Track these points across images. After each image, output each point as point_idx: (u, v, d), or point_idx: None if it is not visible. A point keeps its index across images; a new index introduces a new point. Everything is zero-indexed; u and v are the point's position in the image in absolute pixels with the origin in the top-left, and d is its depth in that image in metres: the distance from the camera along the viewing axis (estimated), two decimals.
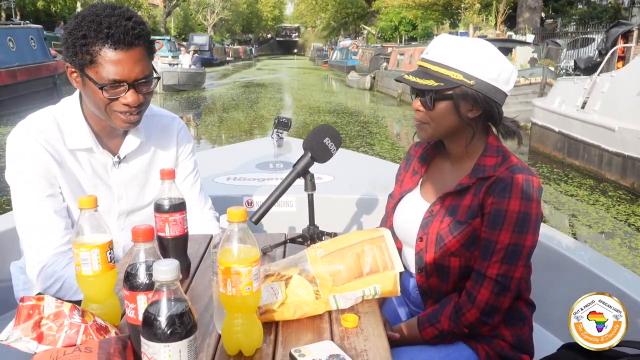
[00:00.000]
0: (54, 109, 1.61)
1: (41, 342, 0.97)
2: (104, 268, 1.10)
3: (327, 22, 60.50)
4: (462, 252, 1.43)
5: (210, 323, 1.16)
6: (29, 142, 1.53)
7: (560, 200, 6.96)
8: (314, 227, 1.57)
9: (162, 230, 1.31)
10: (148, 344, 0.83)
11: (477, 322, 1.41)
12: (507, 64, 1.43)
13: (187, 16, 57.03)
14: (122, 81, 1.46)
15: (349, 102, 18.62)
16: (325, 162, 1.58)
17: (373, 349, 1.08)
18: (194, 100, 18.00)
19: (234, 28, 73.76)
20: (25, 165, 1.53)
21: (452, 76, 1.38)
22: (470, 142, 1.46)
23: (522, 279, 1.44)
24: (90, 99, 1.51)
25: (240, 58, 57.58)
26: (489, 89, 1.39)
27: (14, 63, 13.53)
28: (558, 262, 2.03)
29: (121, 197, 1.68)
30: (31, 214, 1.55)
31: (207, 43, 41.69)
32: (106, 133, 1.63)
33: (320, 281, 1.22)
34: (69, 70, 1.51)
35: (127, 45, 1.44)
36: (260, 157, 3.19)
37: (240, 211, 0.99)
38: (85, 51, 1.43)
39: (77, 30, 1.44)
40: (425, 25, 30.07)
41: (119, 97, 1.47)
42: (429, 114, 1.43)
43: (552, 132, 8.78)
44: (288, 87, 25.25)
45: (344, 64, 33.88)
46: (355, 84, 24.11)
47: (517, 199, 1.37)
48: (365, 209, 2.52)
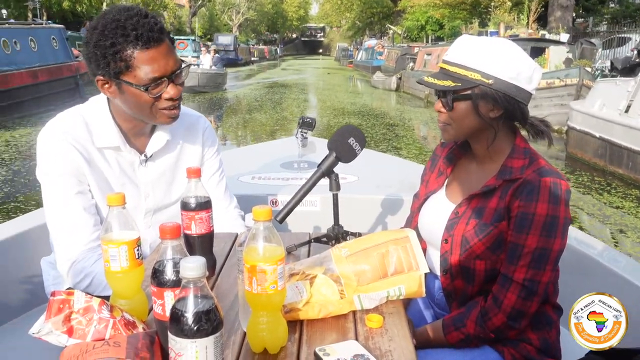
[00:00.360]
0: (82, 108, 1.64)
1: (71, 336, 0.99)
2: (132, 264, 1.11)
3: (352, 21, 60.16)
4: (487, 255, 1.42)
5: (236, 321, 1.17)
6: (58, 141, 1.56)
7: (604, 213, 6.49)
8: (339, 227, 1.57)
9: (189, 228, 1.33)
10: (175, 339, 0.84)
11: (504, 327, 1.39)
12: (529, 62, 1.40)
13: (213, 16, 57.23)
14: (162, 77, 1.48)
15: (374, 104, 18.38)
16: (349, 162, 1.58)
17: (398, 349, 1.08)
18: (215, 102, 17.83)
19: (259, 28, 73.93)
20: (54, 164, 1.56)
21: (470, 76, 1.38)
22: (492, 143, 1.45)
23: (550, 283, 1.42)
24: (131, 104, 1.52)
25: (265, 58, 57.46)
26: (510, 88, 1.38)
27: (35, 63, 13.56)
28: (586, 266, 1.99)
29: (148, 195, 1.71)
30: (61, 211, 1.57)
31: (232, 43, 41.70)
32: (134, 132, 1.65)
33: (345, 281, 1.22)
34: (99, 82, 1.51)
35: (156, 41, 1.46)
36: (284, 156, 3.20)
37: (266, 210, 1.00)
38: (119, 59, 1.44)
39: (102, 40, 1.44)
40: (453, 24, 29.58)
41: (161, 94, 1.50)
42: (450, 115, 1.43)
43: (592, 138, 8.27)
44: (313, 88, 25.12)
45: (369, 64, 33.65)
46: (381, 85, 23.86)
47: (544, 202, 1.35)
48: (389, 209, 2.51)
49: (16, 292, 2.04)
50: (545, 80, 11.11)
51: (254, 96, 19.88)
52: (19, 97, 12.82)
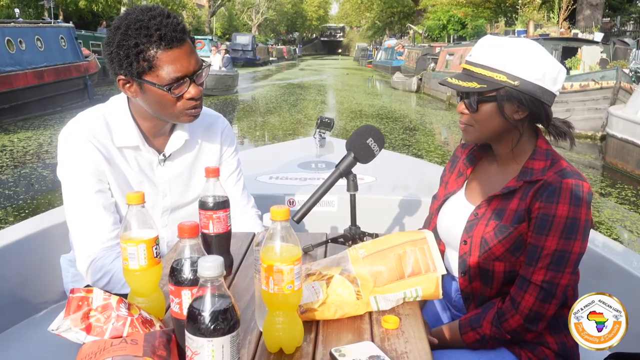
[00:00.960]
0: (103, 108, 1.66)
1: (89, 333, 1.00)
2: (150, 263, 1.12)
3: (372, 21, 59.64)
4: (507, 256, 1.40)
5: (252, 320, 1.17)
6: (79, 140, 1.58)
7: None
8: (356, 228, 1.56)
9: (206, 227, 1.33)
10: (192, 338, 0.85)
11: (520, 329, 1.38)
12: (554, 62, 1.39)
13: (232, 16, 57.17)
14: (184, 77, 1.49)
15: (393, 105, 17.84)
16: (368, 163, 1.58)
17: (414, 351, 1.07)
18: (225, 105, 16.96)
19: (278, 28, 73.83)
20: (75, 162, 1.58)
21: (495, 77, 1.36)
22: (517, 144, 1.44)
23: (569, 286, 1.40)
24: (152, 103, 1.53)
25: (284, 58, 57.01)
26: (535, 90, 1.36)
27: (41, 63, 13.19)
28: (608, 270, 1.96)
29: (165, 194, 1.72)
30: (81, 209, 1.59)
31: (250, 43, 41.17)
32: (153, 132, 1.66)
33: (361, 282, 1.22)
34: (121, 82, 1.52)
35: (179, 41, 1.47)
36: (302, 156, 3.20)
37: (284, 210, 1.00)
38: (142, 59, 1.45)
39: (126, 40, 1.45)
40: (476, 23, 28.88)
41: (183, 94, 1.51)
42: (474, 117, 1.42)
43: (636, 147, 7.54)
44: (330, 89, 24.53)
45: (388, 64, 33.16)
46: (401, 86, 23.29)
47: (565, 204, 1.33)
48: (407, 210, 2.50)
49: (36, 289, 2.07)
50: (579, 83, 10.55)
51: (269, 97, 19.49)
52: (23, 99, 12.43)
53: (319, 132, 3.29)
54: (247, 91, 21.66)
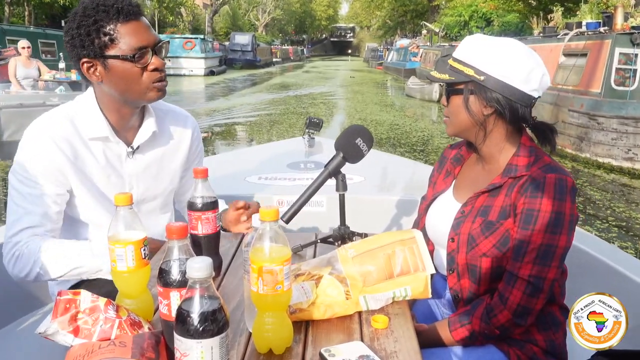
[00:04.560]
0: (67, 106, 1.66)
1: (77, 336, 0.99)
2: (138, 264, 1.12)
3: (383, 20, 57.82)
4: (493, 252, 1.41)
5: (241, 321, 1.17)
6: (40, 140, 1.55)
7: None
8: (345, 228, 1.57)
9: (195, 228, 1.33)
10: (181, 340, 0.84)
11: (509, 324, 1.39)
12: (527, 63, 1.39)
13: (236, 15, 55.20)
14: (146, 46, 1.53)
15: (410, 124, 13.25)
16: (356, 163, 1.58)
17: (403, 350, 1.08)
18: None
19: (286, 28, 72.40)
20: (32, 163, 1.55)
21: (465, 71, 1.42)
22: (484, 141, 1.48)
23: (556, 282, 1.41)
24: (119, 81, 1.54)
25: (290, 59, 54.16)
26: (502, 87, 1.39)
27: None
28: (595, 268, 1.98)
29: (132, 187, 1.71)
30: (21, 195, 1.55)
31: (250, 43, 38.46)
32: (121, 124, 1.66)
33: (350, 281, 1.22)
34: (85, 66, 1.54)
35: (136, 15, 1.53)
36: (291, 157, 3.20)
37: (273, 210, 1.00)
38: (103, 33, 1.50)
39: (85, 20, 1.50)
40: (504, 19, 25.46)
41: (147, 65, 1.54)
42: (448, 109, 1.49)
43: None
44: (333, 97, 20.13)
45: (401, 66, 30.24)
46: (418, 94, 19.09)
47: (549, 198, 1.35)
48: (396, 210, 2.51)
49: (21, 292, 2.05)
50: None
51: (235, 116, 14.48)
52: None
53: (308, 132, 3.29)
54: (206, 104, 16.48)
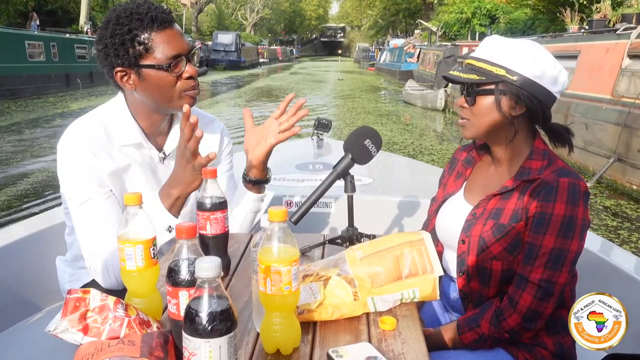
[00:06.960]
0: (99, 111, 1.66)
1: (86, 334, 1.00)
2: (147, 264, 1.12)
3: (374, 20, 56.85)
4: (504, 255, 1.41)
5: (249, 321, 1.17)
6: (76, 148, 1.57)
7: None
8: (353, 229, 1.56)
9: (204, 228, 1.33)
10: (189, 339, 0.85)
11: (519, 328, 1.38)
12: (555, 64, 1.40)
13: (223, 14, 53.20)
14: (180, 55, 1.53)
15: (412, 141, 10.62)
16: (365, 164, 1.58)
17: (411, 352, 1.07)
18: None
19: (275, 28, 71.87)
20: (74, 170, 1.57)
21: (495, 71, 1.39)
22: (511, 142, 1.45)
23: (567, 286, 1.40)
24: (153, 89, 1.55)
25: (278, 59, 52.60)
26: (534, 87, 1.38)
27: None
28: (606, 272, 1.96)
29: None
30: (86, 215, 1.57)
31: (234, 42, 35.85)
32: (152, 130, 1.67)
33: (358, 283, 1.22)
34: (118, 75, 1.54)
35: (170, 22, 1.54)
36: (299, 158, 3.20)
37: (281, 211, 1.00)
38: (137, 42, 1.50)
39: (119, 29, 1.49)
40: (512, 16, 23.10)
41: (182, 73, 1.54)
42: (472, 110, 1.44)
43: None
44: (315, 104, 16.82)
45: (395, 67, 28.35)
46: (419, 101, 16.40)
47: (562, 202, 1.34)
48: (405, 211, 2.50)
49: (32, 290, 2.07)
50: None
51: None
52: None
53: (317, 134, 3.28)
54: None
